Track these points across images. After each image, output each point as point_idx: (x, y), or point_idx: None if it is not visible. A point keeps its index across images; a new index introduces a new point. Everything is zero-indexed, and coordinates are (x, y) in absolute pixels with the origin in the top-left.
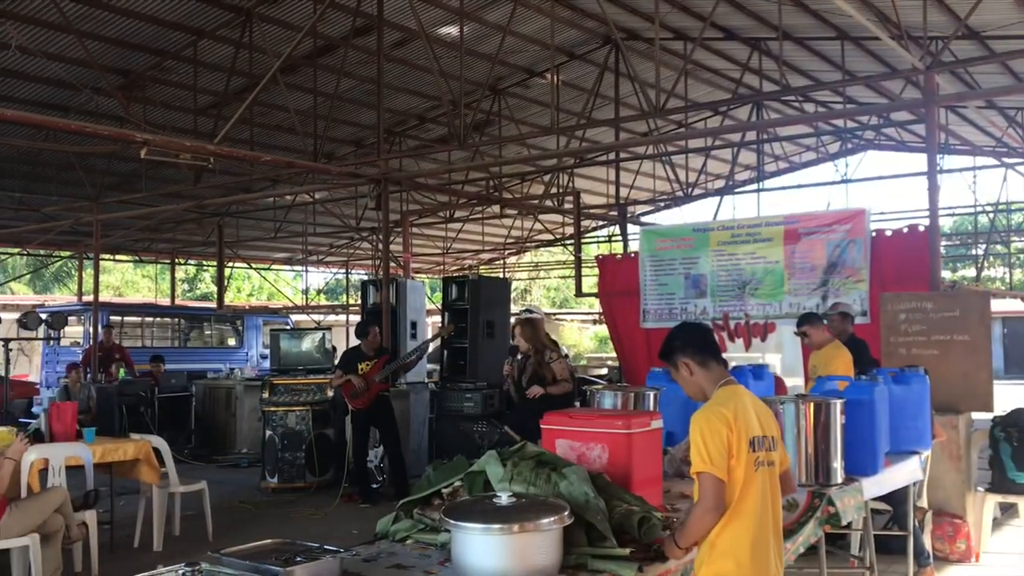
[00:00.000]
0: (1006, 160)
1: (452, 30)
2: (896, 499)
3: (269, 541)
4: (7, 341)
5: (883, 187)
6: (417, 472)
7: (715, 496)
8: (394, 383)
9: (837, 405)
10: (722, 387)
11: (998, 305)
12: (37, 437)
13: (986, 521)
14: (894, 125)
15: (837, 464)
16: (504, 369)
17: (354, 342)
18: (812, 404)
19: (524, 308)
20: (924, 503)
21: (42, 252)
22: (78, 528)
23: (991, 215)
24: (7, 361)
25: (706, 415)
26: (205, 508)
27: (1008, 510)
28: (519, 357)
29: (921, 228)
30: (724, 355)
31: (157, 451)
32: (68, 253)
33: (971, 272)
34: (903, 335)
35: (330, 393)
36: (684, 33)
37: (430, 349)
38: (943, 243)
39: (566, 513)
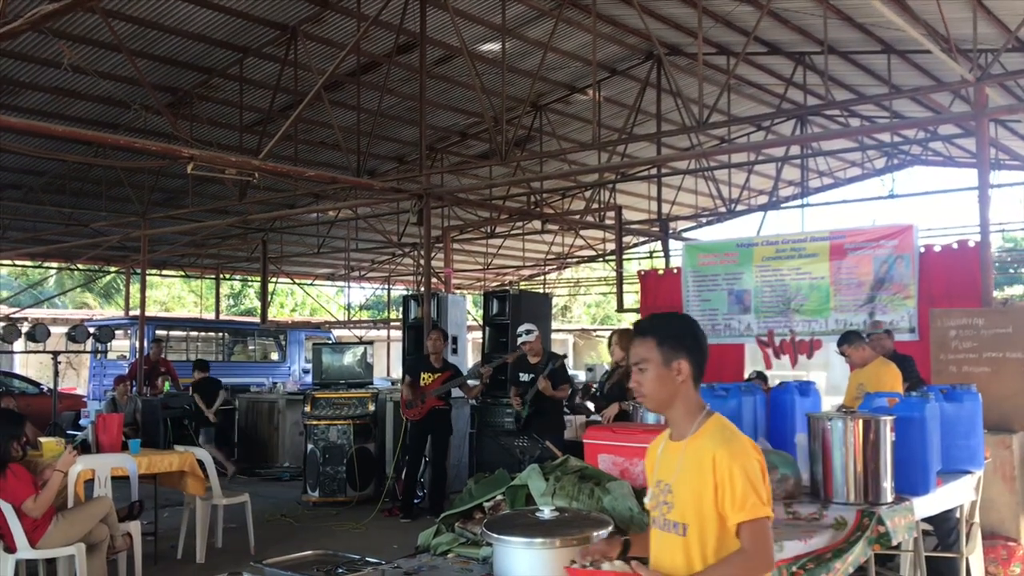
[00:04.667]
0: None
1: (494, 47)
2: (938, 520)
3: (311, 552)
4: (56, 354)
5: (930, 203)
6: (458, 487)
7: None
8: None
9: (887, 422)
10: (715, 416)
11: None
12: (84, 448)
13: None
14: (941, 139)
15: (887, 483)
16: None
17: (396, 356)
18: (861, 421)
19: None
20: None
21: (91, 267)
22: (123, 538)
23: None
24: (56, 374)
25: (746, 449)
26: (247, 521)
27: None
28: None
29: (971, 243)
30: (769, 372)
31: (200, 463)
32: (116, 268)
33: (1019, 291)
34: (953, 352)
35: (371, 407)
36: (727, 48)
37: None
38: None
39: (610, 528)
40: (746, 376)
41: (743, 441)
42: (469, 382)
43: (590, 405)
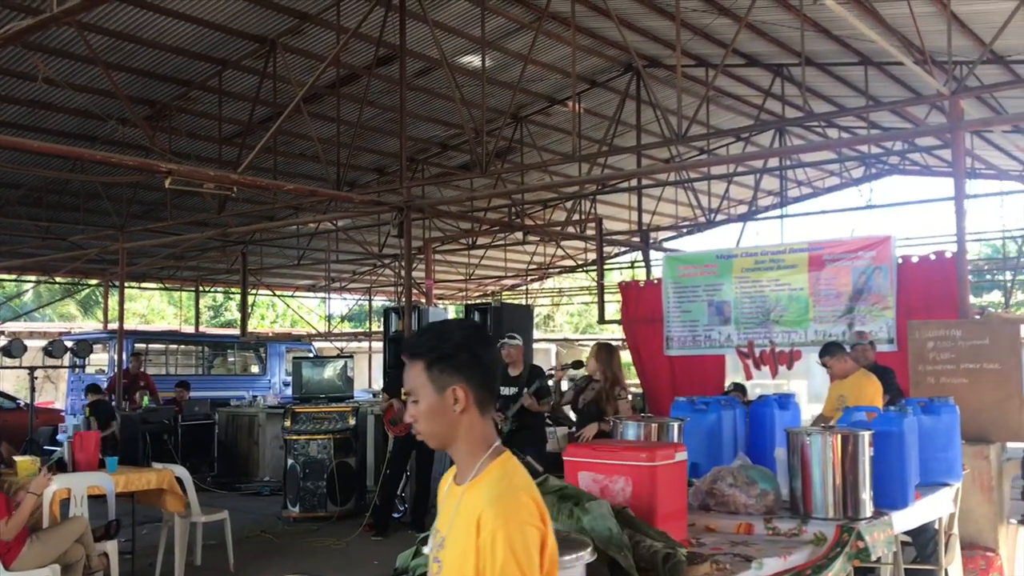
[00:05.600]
0: None
1: (474, 59)
2: (917, 532)
3: None
4: (33, 369)
5: (908, 212)
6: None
7: None
8: None
9: (865, 437)
10: (503, 457)
11: None
12: (60, 466)
13: (1020, 554)
14: (919, 150)
15: (866, 496)
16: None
17: (378, 368)
18: (840, 436)
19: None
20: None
21: (69, 280)
22: (99, 559)
23: (1019, 241)
24: (33, 388)
25: (520, 511)
26: (226, 538)
27: None
28: (577, 380)
29: (948, 254)
30: (750, 383)
31: (179, 480)
32: (95, 281)
33: (996, 297)
34: (931, 363)
35: (352, 422)
36: (706, 60)
37: None
38: (969, 269)
39: (589, 549)
40: (725, 388)
41: (520, 500)
42: None
43: (572, 415)
